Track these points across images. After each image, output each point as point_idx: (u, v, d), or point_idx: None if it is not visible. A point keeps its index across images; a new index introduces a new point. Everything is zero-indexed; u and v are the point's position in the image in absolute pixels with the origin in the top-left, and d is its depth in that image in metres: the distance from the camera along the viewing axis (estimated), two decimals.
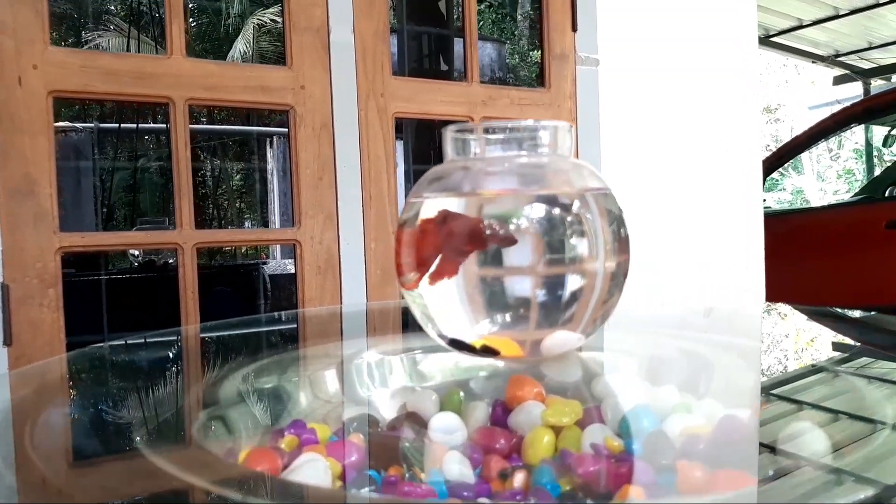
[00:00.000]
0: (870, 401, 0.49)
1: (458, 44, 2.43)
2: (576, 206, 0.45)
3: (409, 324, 0.79)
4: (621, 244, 0.46)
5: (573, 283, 0.45)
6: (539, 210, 0.45)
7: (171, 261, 2.42)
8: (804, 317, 0.80)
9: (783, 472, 0.37)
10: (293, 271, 2.73)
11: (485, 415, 0.46)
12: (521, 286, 0.45)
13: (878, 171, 3.86)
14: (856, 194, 3.52)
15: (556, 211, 0.45)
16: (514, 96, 1.49)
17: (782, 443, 0.41)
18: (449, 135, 0.47)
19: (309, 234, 1.30)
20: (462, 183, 0.47)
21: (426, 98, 1.40)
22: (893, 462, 0.37)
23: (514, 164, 0.47)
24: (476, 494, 0.36)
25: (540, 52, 1.53)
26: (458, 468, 0.38)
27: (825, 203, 5.37)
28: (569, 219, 0.45)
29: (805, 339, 0.72)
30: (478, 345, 0.46)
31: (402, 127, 2.41)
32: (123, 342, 0.58)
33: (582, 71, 1.54)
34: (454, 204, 0.45)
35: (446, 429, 0.43)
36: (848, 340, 0.70)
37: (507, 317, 0.45)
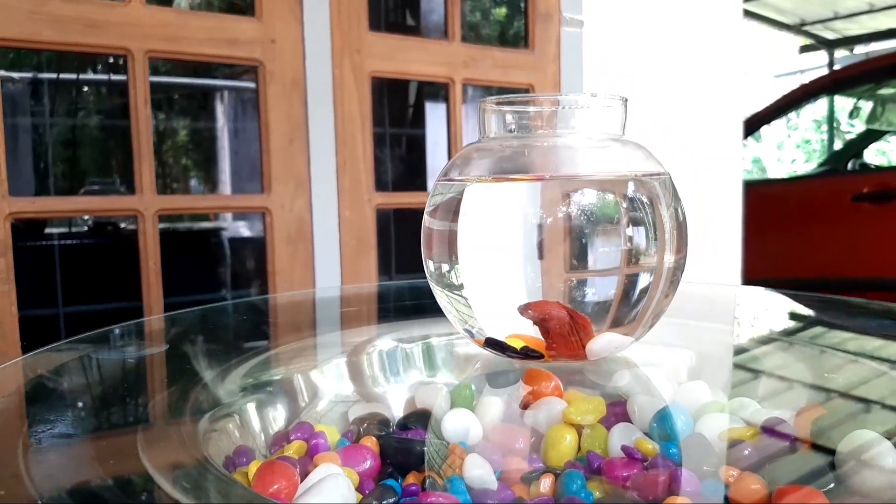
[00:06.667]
0: (823, 370, 0.49)
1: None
2: (638, 192, 0.40)
3: (399, 310, 0.74)
4: (681, 237, 0.41)
5: (632, 281, 0.39)
6: (592, 196, 0.39)
7: (122, 225, 2.29)
8: (761, 288, 0.80)
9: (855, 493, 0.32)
10: (248, 234, 2.62)
11: (499, 411, 0.42)
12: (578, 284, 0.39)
13: (837, 144, 3.90)
14: (819, 166, 3.54)
15: (613, 197, 0.39)
16: (497, 58, 1.41)
17: (849, 457, 0.36)
18: (488, 107, 0.41)
19: (279, 202, 1.21)
20: (507, 164, 0.41)
21: (404, 57, 1.31)
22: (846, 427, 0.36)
23: (574, 143, 0.42)
24: (501, 501, 0.33)
25: (524, 10, 1.45)
26: (480, 472, 0.34)
27: (790, 174, 5.44)
28: (628, 207, 0.39)
29: (761, 309, 0.72)
30: (519, 346, 0.41)
31: (379, 86, 2.31)
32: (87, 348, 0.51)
33: (566, 33, 1.47)
34: (499, 189, 0.39)
35: (461, 428, 0.39)
36: (805, 311, 0.71)
37: None
